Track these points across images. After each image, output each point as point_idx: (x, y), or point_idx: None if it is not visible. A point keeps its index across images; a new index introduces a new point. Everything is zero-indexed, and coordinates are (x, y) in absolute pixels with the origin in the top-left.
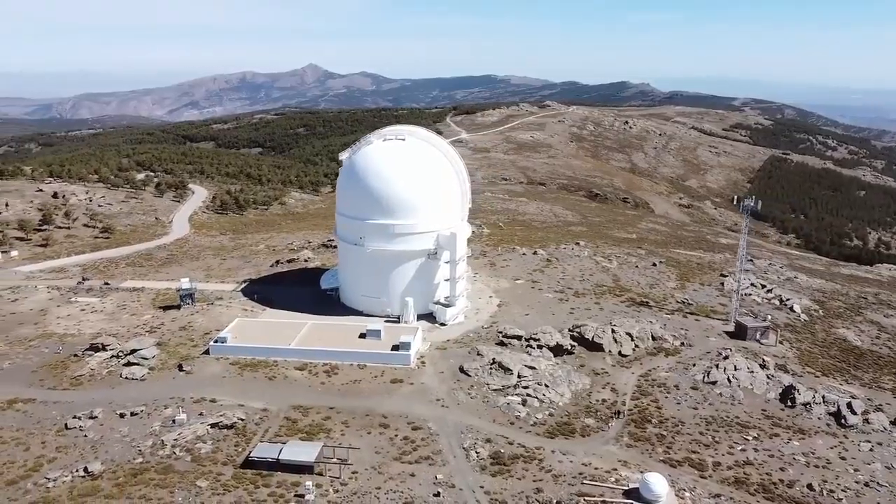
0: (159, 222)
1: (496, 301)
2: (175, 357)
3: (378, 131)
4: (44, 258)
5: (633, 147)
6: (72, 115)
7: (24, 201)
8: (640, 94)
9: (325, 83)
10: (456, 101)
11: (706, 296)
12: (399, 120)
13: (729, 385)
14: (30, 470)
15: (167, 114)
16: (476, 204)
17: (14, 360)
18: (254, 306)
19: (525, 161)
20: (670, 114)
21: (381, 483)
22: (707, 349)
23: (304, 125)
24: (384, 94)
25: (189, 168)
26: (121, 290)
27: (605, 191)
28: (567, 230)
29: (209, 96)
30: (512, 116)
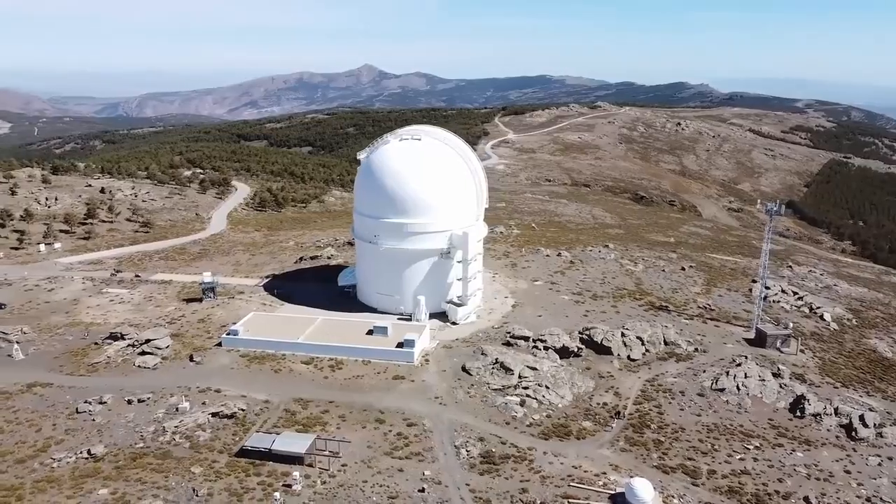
0: (199, 218)
1: (511, 302)
2: (189, 348)
3: (395, 131)
4: (84, 250)
5: (684, 149)
6: (137, 114)
7: (73, 196)
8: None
9: (380, 83)
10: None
11: (731, 301)
12: (447, 120)
13: (737, 393)
14: (38, 450)
15: (227, 113)
16: (513, 205)
17: (39, 347)
18: (273, 301)
19: (571, 162)
20: (726, 115)
21: (369, 477)
22: (722, 356)
23: (354, 125)
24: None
25: (236, 166)
26: (150, 282)
27: (652, 193)
28: (603, 232)
29: (267, 96)
30: (561, 117)
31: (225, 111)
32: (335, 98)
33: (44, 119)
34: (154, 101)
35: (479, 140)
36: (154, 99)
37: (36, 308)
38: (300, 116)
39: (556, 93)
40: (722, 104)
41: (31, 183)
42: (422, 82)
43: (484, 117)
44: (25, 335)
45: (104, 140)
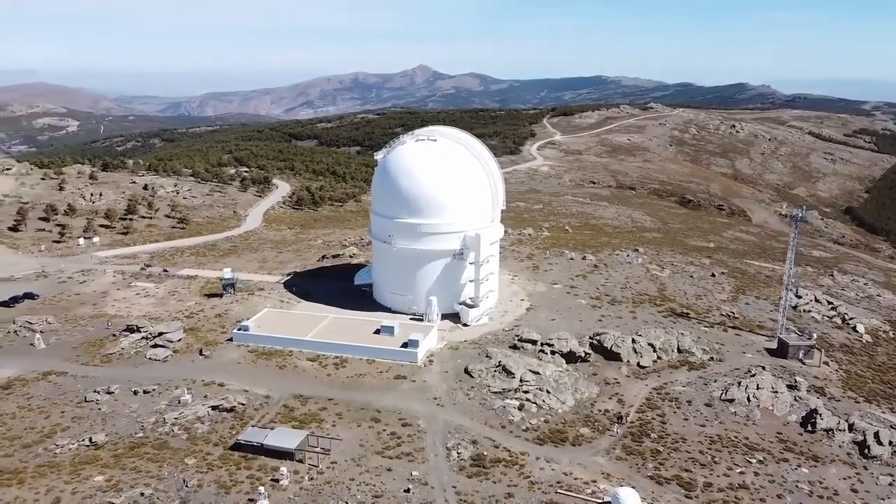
0: (235, 215)
1: (526, 305)
2: (201, 342)
3: (412, 132)
4: (121, 245)
5: (737, 152)
6: (198, 113)
7: (118, 192)
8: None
9: (433, 84)
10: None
11: (758, 310)
12: (495, 121)
13: (747, 404)
14: (44, 436)
15: (283, 112)
16: (551, 207)
17: (61, 337)
18: (290, 298)
19: (618, 164)
20: (785, 117)
21: (357, 475)
22: (738, 365)
23: (402, 125)
24: (492, 94)
25: (280, 165)
26: (176, 277)
27: (700, 197)
28: (639, 236)
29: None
30: (611, 119)
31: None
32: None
33: (109, 118)
34: (214, 101)
35: (525, 141)
36: (214, 98)
37: (66, 299)
38: (351, 116)
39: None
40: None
41: (80, 179)
42: (475, 83)
43: (532, 118)
44: (50, 325)
45: (163, 138)
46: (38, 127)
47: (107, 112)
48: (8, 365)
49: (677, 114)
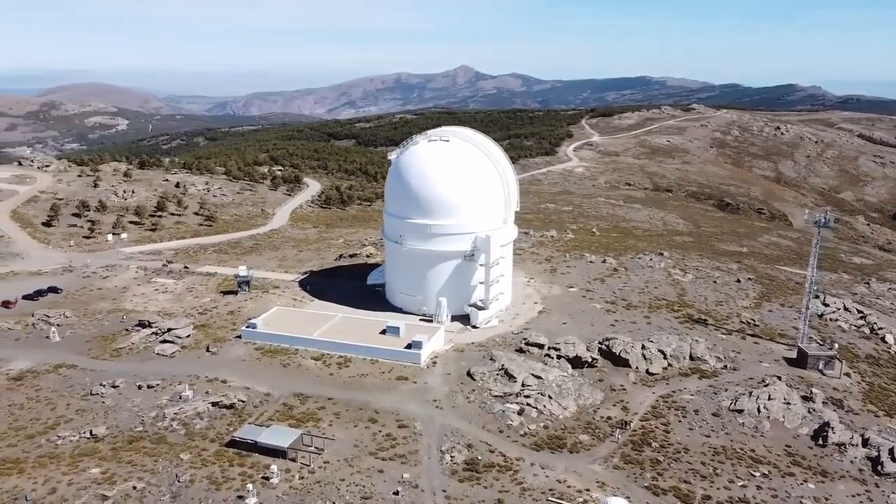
0: (263, 214)
1: (539, 308)
2: (210, 338)
3: (425, 132)
4: (148, 241)
5: (781, 154)
6: (243, 112)
7: (150, 189)
8: (808, 98)
9: (475, 84)
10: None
11: (781, 317)
12: (532, 121)
13: (756, 415)
14: (48, 427)
15: (326, 112)
16: (581, 209)
17: (76, 330)
18: (304, 297)
19: (655, 166)
20: (834, 119)
21: (348, 475)
22: (753, 375)
23: (440, 125)
24: (534, 95)
25: (314, 164)
26: (196, 273)
27: (739, 200)
28: (669, 240)
29: (365, 96)
30: (651, 120)
31: (324, 111)
32: (431, 99)
33: (158, 116)
34: (259, 101)
35: (561, 142)
36: (259, 98)
37: (88, 294)
38: (389, 117)
39: (656, 95)
40: (833, 108)
41: (115, 177)
42: (517, 83)
43: (570, 119)
44: (67, 319)
45: (207, 137)
46: (89, 125)
47: (155, 111)
48: (23, 357)
49: (720, 115)
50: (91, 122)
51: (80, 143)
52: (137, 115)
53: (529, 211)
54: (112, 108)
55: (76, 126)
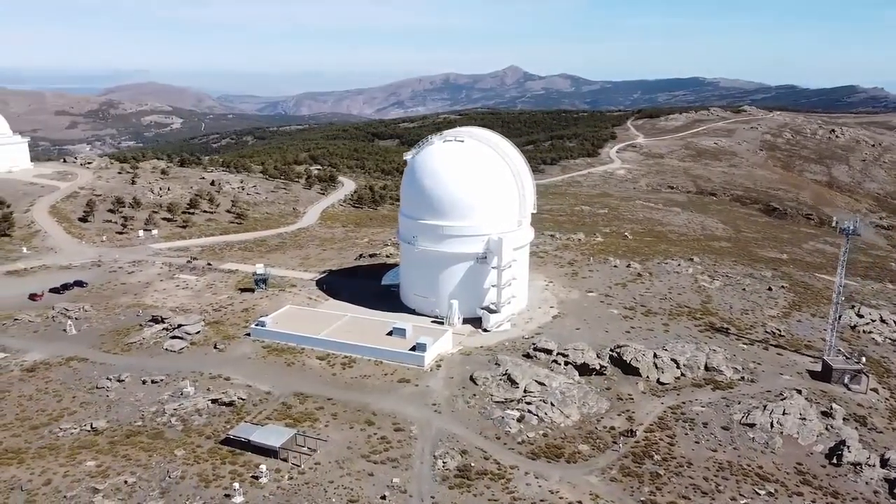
0: (295, 212)
1: (554, 312)
2: (220, 335)
3: (440, 133)
4: (178, 238)
5: (835, 158)
6: (294, 112)
7: (185, 187)
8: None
9: (523, 85)
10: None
11: (810, 328)
12: (577, 122)
13: (769, 430)
14: (52, 419)
15: (375, 112)
16: (617, 212)
17: (92, 324)
18: (319, 296)
19: (700, 169)
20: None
21: (337, 478)
22: (771, 387)
23: (482, 125)
24: (583, 95)
25: (352, 163)
26: (218, 270)
27: (787, 205)
28: (704, 244)
29: (414, 96)
30: (699, 121)
31: (373, 111)
32: (479, 99)
33: (211, 115)
34: (309, 101)
35: (604, 144)
36: (310, 98)
37: (111, 288)
38: (434, 117)
39: (709, 96)
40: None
41: (153, 174)
42: (566, 84)
43: (616, 120)
44: (85, 312)
45: (256, 136)
46: (145, 124)
47: (209, 110)
48: (38, 349)
49: (771, 117)
50: (147, 121)
51: (136, 140)
52: (191, 114)
53: (563, 213)
54: (167, 107)
55: (133, 124)
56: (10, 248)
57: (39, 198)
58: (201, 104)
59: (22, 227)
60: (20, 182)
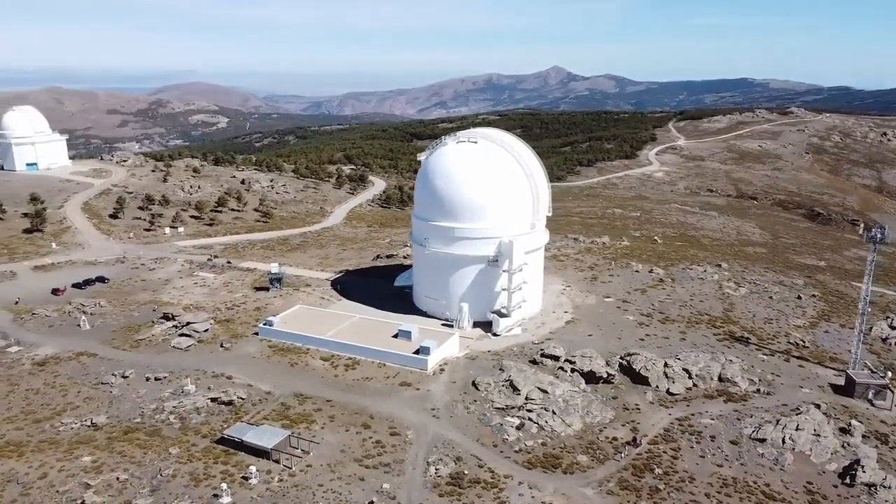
0: (321, 211)
1: (568, 318)
2: (228, 334)
3: (454, 134)
4: (203, 236)
5: (886, 162)
6: (337, 112)
7: (216, 185)
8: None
9: (567, 85)
10: (704, 105)
11: (837, 339)
12: (617, 123)
13: (780, 446)
14: (55, 413)
15: (417, 112)
16: (651, 215)
17: (106, 320)
18: (332, 296)
19: (742, 172)
20: None
21: (327, 481)
22: (789, 401)
23: (521, 126)
24: (627, 96)
25: (385, 164)
26: (236, 269)
27: (832, 210)
28: (738, 250)
29: (456, 97)
30: (743, 123)
31: (415, 111)
32: (522, 100)
33: (256, 115)
34: (353, 100)
35: (643, 146)
36: (353, 98)
37: (132, 284)
38: (473, 117)
39: (758, 97)
40: None
41: (186, 172)
42: (610, 84)
43: (657, 122)
44: (101, 308)
45: (297, 135)
46: (192, 123)
47: (255, 110)
48: (51, 343)
49: (820, 119)
50: (194, 120)
51: (183, 139)
52: (237, 113)
53: (593, 215)
54: (214, 106)
55: (180, 123)
56: (41, 244)
57: (74, 194)
58: (247, 104)
59: (54, 222)
60: (57, 179)
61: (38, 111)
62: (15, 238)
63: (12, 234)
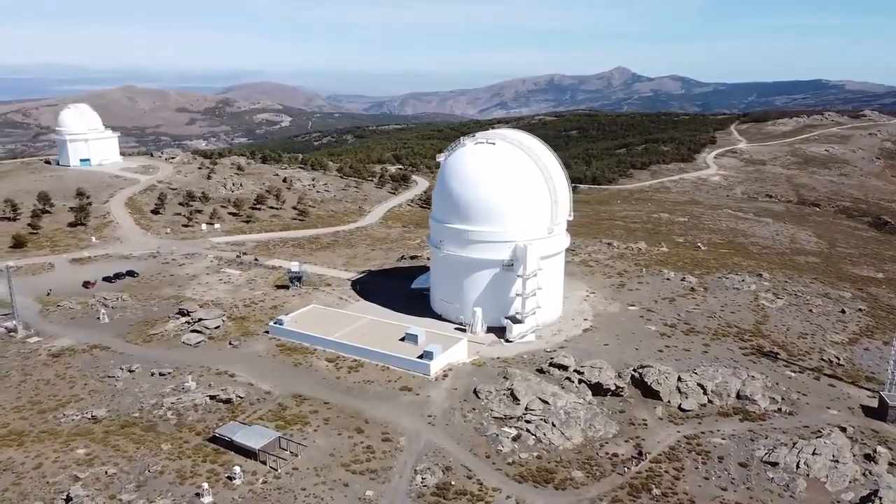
0: (360, 210)
1: (586, 325)
2: (239, 331)
3: (473, 134)
4: (238, 233)
5: None
6: (398, 112)
7: (258, 183)
8: None
9: (631, 86)
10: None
11: (878, 358)
12: (676, 125)
13: (794, 471)
14: (60, 405)
15: (477, 113)
16: (699, 220)
17: (126, 314)
18: (350, 296)
19: (806, 177)
20: None
21: (311, 485)
22: (812, 423)
23: (577, 127)
24: (693, 98)
25: (433, 164)
26: (262, 266)
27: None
28: (788, 259)
29: (517, 97)
30: (810, 126)
31: (476, 111)
32: (584, 101)
33: (318, 114)
34: (414, 101)
35: (702, 148)
36: (414, 98)
37: (160, 279)
38: (528, 118)
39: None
40: None
41: (231, 169)
42: (676, 86)
43: (718, 124)
44: (123, 302)
45: (355, 135)
46: (257, 121)
47: (318, 109)
48: (69, 335)
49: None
50: (258, 119)
51: (247, 137)
52: (300, 112)
53: (637, 220)
54: (278, 105)
55: (245, 122)
56: (82, 237)
57: (120, 190)
58: (311, 103)
59: (98, 217)
60: (107, 175)
61: (91, 109)
62: (60, 231)
63: (58, 227)
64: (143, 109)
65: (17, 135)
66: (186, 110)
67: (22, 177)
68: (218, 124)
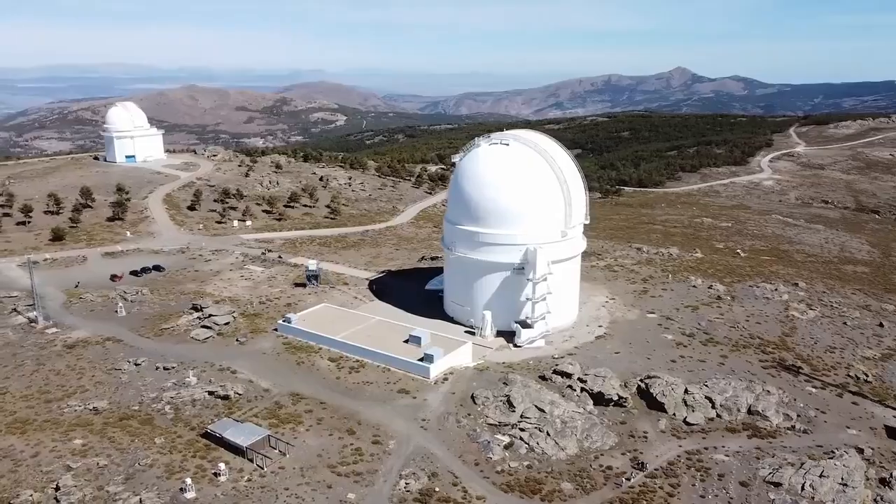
0: (393, 210)
1: (600, 332)
2: (249, 328)
3: (488, 135)
4: (269, 230)
5: None
6: (453, 112)
7: (295, 182)
8: None
9: (690, 87)
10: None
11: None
12: (732, 128)
13: (798, 493)
14: (66, 395)
15: (532, 113)
16: (744, 225)
17: (143, 308)
18: (365, 296)
19: (866, 183)
20: None
21: (294, 486)
22: (827, 442)
23: (630, 128)
24: (756, 99)
25: None
26: (285, 264)
27: None
28: (834, 268)
29: (573, 97)
30: (875, 130)
31: (531, 112)
32: (641, 102)
33: (372, 114)
34: (469, 101)
35: (757, 152)
36: (469, 98)
37: (184, 274)
38: (581, 119)
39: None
40: None
41: (269, 167)
42: (738, 87)
43: (777, 126)
44: (142, 296)
45: (407, 134)
46: (312, 120)
47: (373, 109)
48: (86, 327)
49: None
50: (314, 118)
51: (303, 136)
52: (355, 112)
53: (677, 224)
54: (334, 104)
55: (302, 121)
56: (118, 232)
57: (160, 186)
58: (366, 103)
59: (135, 212)
60: (149, 171)
61: (137, 107)
62: (98, 225)
63: (97, 221)
64: (204, 108)
65: (86, 131)
66: (245, 109)
67: (70, 172)
68: (275, 123)
